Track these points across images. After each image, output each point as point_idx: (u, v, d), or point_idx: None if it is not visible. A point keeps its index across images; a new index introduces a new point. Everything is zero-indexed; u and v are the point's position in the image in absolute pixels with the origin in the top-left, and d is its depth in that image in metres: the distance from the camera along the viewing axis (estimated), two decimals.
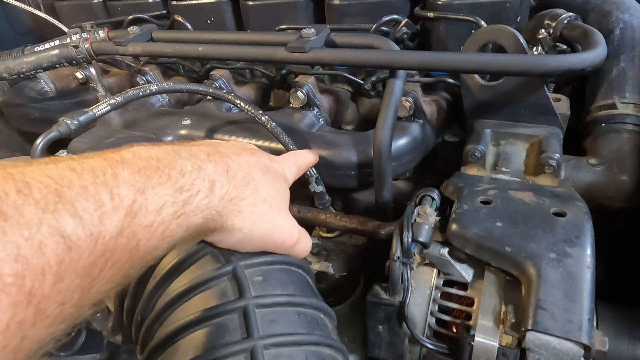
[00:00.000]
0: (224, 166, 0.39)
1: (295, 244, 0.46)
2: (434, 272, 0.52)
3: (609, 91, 0.66)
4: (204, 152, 0.39)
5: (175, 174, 0.34)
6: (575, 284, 0.42)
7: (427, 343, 0.49)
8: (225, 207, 0.38)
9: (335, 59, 0.61)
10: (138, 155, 0.33)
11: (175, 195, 0.33)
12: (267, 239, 0.43)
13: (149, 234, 0.31)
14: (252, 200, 0.41)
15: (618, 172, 0.58)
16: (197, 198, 0.35)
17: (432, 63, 0.55)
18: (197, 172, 0.36)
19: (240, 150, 0.45)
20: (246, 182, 0.41)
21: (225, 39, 0.75)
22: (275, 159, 0.50)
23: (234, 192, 0.39)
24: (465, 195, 0.53)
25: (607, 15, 0.74)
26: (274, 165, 0.48)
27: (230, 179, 0.39)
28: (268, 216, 0.43)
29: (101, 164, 0.30)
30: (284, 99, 0.93)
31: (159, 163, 0.33)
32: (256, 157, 0.46)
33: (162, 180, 0.32)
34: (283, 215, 0.45)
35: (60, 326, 0.26)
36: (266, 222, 0.42)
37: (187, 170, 0.35)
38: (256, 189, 0.42)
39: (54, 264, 0.24)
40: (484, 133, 0.64)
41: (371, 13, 0.79)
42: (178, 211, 0.33)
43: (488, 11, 0.72)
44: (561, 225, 0.46)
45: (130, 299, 0.46)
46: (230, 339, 0.38)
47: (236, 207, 0.39)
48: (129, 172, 0.31)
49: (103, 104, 0.61)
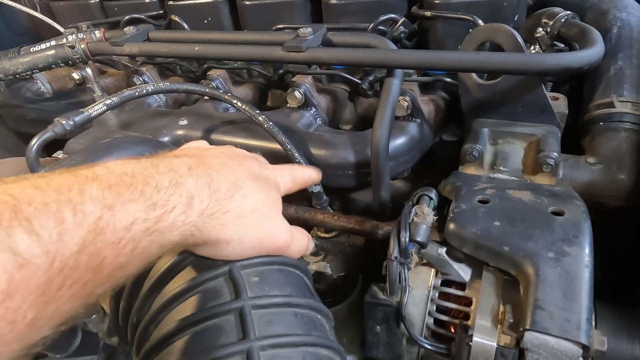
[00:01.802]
0: (206, 179, 0.39)
1: (289, 247, 0.46)
2: (432, 272, 0.52)
3: (606, 90, 0.66)
4: (186, 166, 0.38)
5: (149, 190, 0.33)
6: (574, 283, 0.41)
7: (425, 343, 0.48)
8: (206, 222, 0.37)
9: (332, 58, 0.61)
10: (112, 172, 0.33)
11: (147, 211, 0.32)
12: (259, 247, 0.43)
13: (115, 251, 0.30)
14: (238, 212, 0.40)
15: (616, 171, 0.57)
16: (173, 214, 0.34)
17: (429, 62, 0.55)
18: (175, 188, 0.35)
19: (227, 159, 0.44)
20: (231, 194, 0.40)
21: (222, 38, 0.74)
22: (269, 166, 0.50)
23: (217, 206, 0.38)
24: (463, 195, 0.52)
25: (605, 13, 0.74)
26: (264, 172, 0.47)
27: (213, 193, 0.38)
28: (258, 226, 0.42)
29: (69, 180, 0.30)
30: (282, 98, 0.93)
31: (132, 179, 0.33)
32: (245, 165, 0.45)
33: (134, 197, 0.32)
34: (274, 222, 0.44)
35: (13, 346, 0.25)
36: (256, 233, 0.42)
37: (163, 186, 0.34)
38: (243, 199, 0.41)
39: (2, 281, 0.23)
40: (481, 132, 0.64)
41: (368, 12, 0.79)
42: (150, 228, 0.32)
43: (485, 10, 0.72)
44: (559, 225, 0.46)
45: (126, 300, 0.45)
46: (226, 340, 0.38)
47: (219, 222, 0.39)
48: (98, 188, 0.30)
49: (99, 104, 0.61)
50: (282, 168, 0.51)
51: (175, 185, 0.35)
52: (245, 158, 0.47)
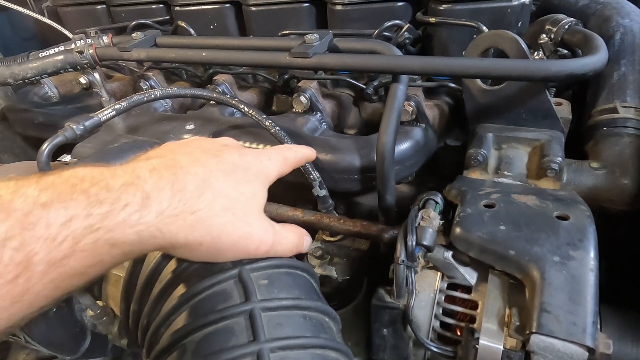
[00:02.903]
0: (169, 179, 0.37)
1: (273, 246, 0.44)
2: (438, 275, 0.52)
3: (610, 95, 0.67)
4: (149, 167, 0.38)
5: (95, 189, 0.33)
6: (579, 287, 0.42)
7: (431, 346, 0.49)
8: (169, 224, 0.36)
9: (338, 64, 0.62)
10: (60, 175, 0.33)
11: (90, 208, 0.32)
12: (237, 248, 0.41)
13: (50, 246, 0.30)
14: (207, 212, 0.38)
15: (620, 176, 0.58)
16: (124, 212, 0.34)
17: (434, 68, 0.56)
18: (127, 188, 0.35)
19: (200, 154, 0.42)
20: (200, 192, 0.38)
21: (229, 44, 0.75)
22: (253, 152, 0.47)
23: (182, 206, 0.37)
24: (468, 199, 0.53)
25: (608, 20, 0.74)
26: (245, 161, 0.45)
27: (176, 192, 0.37)
28: (232, 226, 0.40)
29: (14, 183, 0.31)
30: (287, 103, 0.94)
31: (79, 181, 0.33)
32: (220, 158, 0.43)
33: (75, 196, 0.32)
34: (251, 220, 0.42)
35: None
36: (229, 234, 0.40)
37: (113, 187, 0.34)
38: (213, 198, 0.39)
39: None
40: (486, 137, 0.64)
41: (373, 18, 0.80)
42: (94, 225, 0.32)
43: (489, 16, 0.73)
44: (564, 229, 0.47)
45: (136, 303, 0.46)
46: (236, 342, 0.39)
47: (186, 223, 0.37)
48: (35, 188, 0.31)
49: (108, 109, 0.62)
50: (269, 150, 0.49)
51: (128, 185, 0.35)
52: (223, 149, 0.45)
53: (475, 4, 0.73)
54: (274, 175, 0.47)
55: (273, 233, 0.44)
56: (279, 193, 0.75)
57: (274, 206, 0.70)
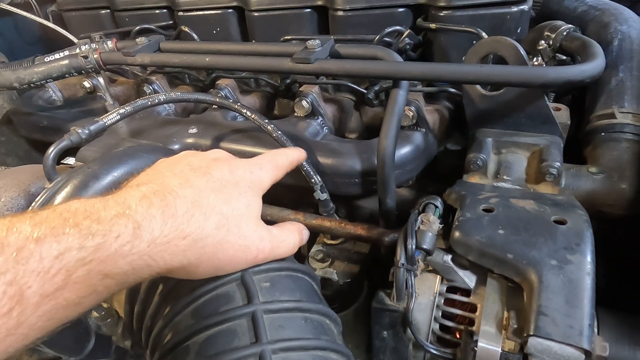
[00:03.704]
0: (159, 205, 0.37)
1: (272, 252, 0.44)
2: (438, 278, 0.53)
3: (608, 101, 0.68)
4: (139, 195, 0.38)
5: (88, 222, 0.34)
6: (576, 290, 0.42)
7: (431, 349, 0.49)
8: (162, 251, 0.36)
9: (339, 70, 0.63)
10: (54, 210, 0.34)
11: (82, 241, 0.32)
12: (235, 262, 0.42)
13: (42, 280, 0.31)
14: (199, 233, 0.39)
15: (618, 181, 0.59)
16: (116, 244, 0.34)
17: (435, 74, 0.57)
18: (118, 219, 0.35)
19: (190, 173, 0.43)
20: (190, 215, 0.39)
21: (232, 49, 0.76)
22: (244, 163, 0.47)
23: (173, 233, 0.37)
24: (467, 203, 0.54)
25: (606, 26, 0.75)
26: (235, 176, 0.45)
27: (167, 219, 0.37)
28: (227, 242, 0.41)
29: (8, 220, 0.32)
30: (289, 107, 0.94)
31: (72, 215, 0.34)
32: (210, 175, 0.43)
33: (67, 230, 0.32)
34: (246, 232, 0.42)
35: None
36: (225, 250, 0.41)
37: (105, 218, 0.34)
38: (205, 218, 0.39)
39: None
40: (485, 142, 0.65)
41: (374, 24, 0.81)
42: (87, 257, 0.32)
43: (489, 23, 0.74)
44: (562, 233, 0.47)
45: (140, 305, 0.47)
46: (239, 344, 0.39)
47: (179, 248, 0.37)
48: (29, 224, 0.32)
49: (113, 114, 0.62)
50: (260, 159, 0.49)
51: (120, 216, 0.35)
52: (213, 165, 0.45)
53: (475, 11, 0.74)
54: (268, 183, 0.48)
55: (270, 239, 0.44)
56: (281, 196, 0.76)
57: (276, 209, 0.71)
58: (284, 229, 0.48)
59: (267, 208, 0.72)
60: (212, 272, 0.42)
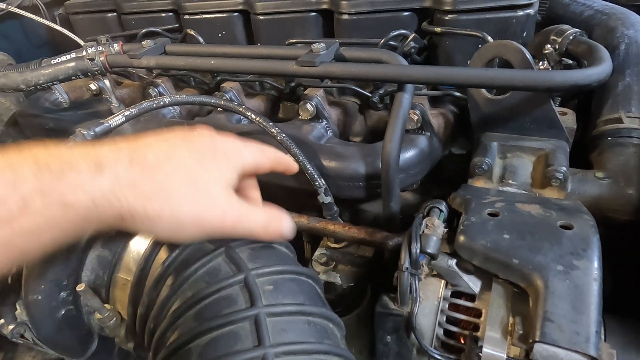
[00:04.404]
0: (129, 150, 0.38)
1: (240, 221, 0.43)
2: (442, 283, 0.53)
3: (614, 105, 0.67)
4: (110, 144, 0.38)
5: (46, 156, 0.34)
6: (583, 296, 0.42)
7: (435, 354, 0.49)
8: (125, 193, 0.36)
9: (344, 73, 0.63)
10: (15, 150, 0.34)
11: (39, 173, 0.33)
12: (199, 222, 0.40)
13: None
14: (167, 183, 0.38)
15: (624, 186, 0.58)
16: (74, 174, 0.34)
17: (440, 78, 0.57)
18: (81, 156, 0.35)
19: (166, 136, 0.42)
20: (160, 164, 0.38)
21: (237, 52, 0.77)
22: (227, 137, 0.46)
23: (140, 176, 0.37)
24: (472, 208, 0.53)
25: (613, 31, 0.75)
26: (215, 143, 0.44)
27: (135, 162, 0.37)
28: (193, 199, 0.40)
29: None
30: (293, 110, 0.94)
31: (32, 153, 0.34)
32: (186, 139, 0.42)
33: (24, 162, 0.33)
34: (215, 194, 0.41)
35: None
36: (190, 206, 0.39)
37: (66, 155, 0.35)
38: (174, 170, 0.39)
39: None
40: (490, 146, 0.65)
41: (379, 28, 0.81)
42: (44, 187, 0.33)
43: (494, 26, 0.73)
44: (568, 238, 0.47)
45: (143, 307, 0.47)
46: (241, 347, 0.39)
47: (144, 193, 0.37)
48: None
49: (118, 116, 0.63)
50: (251, 144, 0.48)
51: (83, 155, 0.36)
52: (194, 132, 0.44)
53: (480, 15, 0.74)
54: (248, 163, 0.46)
55: (239, 208, 0.43)
56: (284, 200, 0.76)
57: None
58: (258, 207, 0.46)
59: None
60: (175, 229, 0.40)
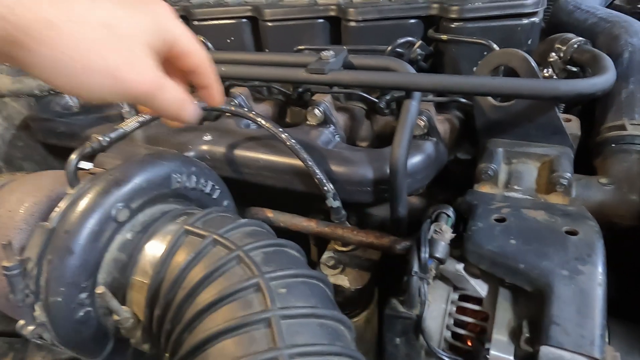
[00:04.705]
0: None
1: (159, 90, 0.39)
2: (450, 287, 0.54)
3: (618, 113, 0.68)
4: None
5: None
6: (588, 301, 0.43)
7: (443, 356, 0.50)
8: (25, 14, 0.31)
9: (353, 80, 0.64)
10: None
11: None
12: (111, 75, 0.35)
13: None
14: (80, 20, 0.33)
15: (628, 192, 0.59)
16: None
17: (448, 86, 0.58)
18: None
19: None
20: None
21: (247, 59, 0.78)
22: (168, 9, 0.40)
23: (46, 3, 0.32)
24: (479, 213, 0.55)
25: (616, 38, 0.76)
26: (148, 3, 0.39)
27: None
28: (108, 46, 0.35)
29: None
30: (300, 115, 0.96)
31: None
32: None
33: None
34: (137, 51, 0.37)
35: None
36: (104, 53, 0.35)
37: None
38: (91, 8, 0.34)
39: None
40: (496, 152, 0.66)
41: (386, 35, 0.82)
42: None
43: (500, 34, 0.75)
44: (573, 244, 0.48)
45: (160, 309, 0.48)
46: (257, 348, 0.40)
47: (47, 14, 0.32)
48: None
49: (132, 121, 0.64)
50: (187, 29, 0.42)
51: None
52: None
53: (486, 23, 0.75)
54: (181, 40, 0.41)
55: (161, 75, 0.39)
56: (291, 203, 0.78)
57: (288, 216, 0.73)
58: (180, 86, 0.42)
59: (280, 215, 0.73)
60: (81, 76, 0.35)
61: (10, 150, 1.11)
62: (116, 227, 0.52)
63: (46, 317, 0.50)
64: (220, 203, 0.66)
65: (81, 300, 0.50)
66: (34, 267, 0.49)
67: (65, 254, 0.49)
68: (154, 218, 0.56)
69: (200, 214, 0.55)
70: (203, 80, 0.47)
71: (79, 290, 0.50)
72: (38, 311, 0.50)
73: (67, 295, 0.49)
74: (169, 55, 0.42)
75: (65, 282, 0.49)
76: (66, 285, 0.49)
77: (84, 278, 0.50)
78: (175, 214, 0.57)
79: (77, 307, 0.50)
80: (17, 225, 0.56)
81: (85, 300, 0.51)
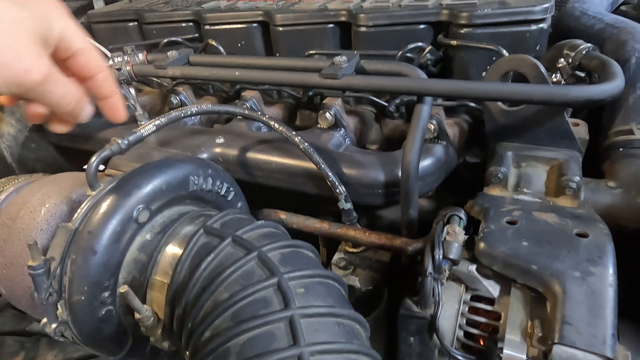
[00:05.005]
0: None
1: (49, 80, 0.39)
2: (462, 287, 0.55)
3: (626, 117, 0.70)
4: None
5: None
6: (599, 301, 0.44)
7: (456, 354, 0.51)
8: None
9: (366, 85, 0.65)
10: None
11: None
12: (2, 62, 0.35)
13: None
14: None
15: (635, 195, 0.60)
16: None
17: (459, 91, 0.59)
18: None
19: None
20: None
21: (259, 63, 0.80)
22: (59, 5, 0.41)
23: None
24: (491, 216, 0.56)
25: (623, 44, 0.77)
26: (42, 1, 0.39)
27: None
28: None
29: None
30: (310, 118, 0.97)
31: None
32: None
33: None
34: (24, 40, 0.37)
35: None
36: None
37: None
38: None
39: None
40: (505, 155, 0.67)
41: (396, 40, 0.84)
42: None
43: (509, 40, 0.76)
44: (584, 246, 0.49)
45: (180, 308, 0.49)
46: (278, 346, 0.42)
47: None
48: None
49: (149, 125, 0.65)
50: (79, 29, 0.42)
51: None
52: None
53: (495, 28, 0.76)
54: (69, 32, 0.41)
55: (51, 67, 0.39)
56: (299, 205, 0.79)
57: (301, 218, 0.74)
58: (69, 80, 0.42)
59: (293, 217, 0.74)
60: None
61: (23, 151, 1.12)
62: (137, 228, 0.54)
63: (68, 316, 0.51)
64: (235, 205, 0.68)
65: (103, 299, 0.51)
66: (58, 266, 0.50)
67: (89, 254, 0.50)
68: (172, 219, 0.57)
69: (218, 215, 0.56)
70: (102, 89, 0.46)
71: (102, 289, 0.51)
72: (60, 310, 0.52)
73: (89, 294, 0.50)
74: (59, 49, 0.41)
75: (88, 281, 0.50)
76: (89, 284, 0.50)
77: (107, 277, 0.51)
78: (194, 216, 0.58)
79: (99, 305, 0.51)
80: (38, 225, 0.57)
81: (107, 299, 0.52)
